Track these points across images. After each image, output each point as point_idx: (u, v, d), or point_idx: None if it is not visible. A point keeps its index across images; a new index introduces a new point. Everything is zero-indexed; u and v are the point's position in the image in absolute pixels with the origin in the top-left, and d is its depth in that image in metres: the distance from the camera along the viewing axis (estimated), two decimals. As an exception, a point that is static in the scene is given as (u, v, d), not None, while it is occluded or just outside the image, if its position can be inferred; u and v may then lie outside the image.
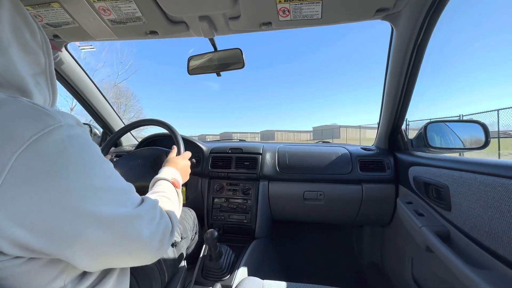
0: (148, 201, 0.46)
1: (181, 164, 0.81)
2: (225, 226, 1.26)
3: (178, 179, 0.72)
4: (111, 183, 0.40)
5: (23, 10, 0.43)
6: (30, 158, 0.31)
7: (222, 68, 1.08)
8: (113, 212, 0.37)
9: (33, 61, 0.44)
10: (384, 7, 0.77)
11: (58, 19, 0.88)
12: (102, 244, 0.37)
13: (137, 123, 1.11)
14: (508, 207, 0.50)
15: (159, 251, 0.45)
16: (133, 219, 0.40)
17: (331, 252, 1.64)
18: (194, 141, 1.38)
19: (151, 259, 0.45)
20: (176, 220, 0.54)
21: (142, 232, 0.41)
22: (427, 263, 0.87)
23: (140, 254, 0.43)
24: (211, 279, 0.99)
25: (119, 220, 0.38)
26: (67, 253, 0.35)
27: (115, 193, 0.40)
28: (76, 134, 0.37)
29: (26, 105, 0.34)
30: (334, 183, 1.20)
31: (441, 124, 1.08)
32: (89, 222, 0.35)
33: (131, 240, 0.40)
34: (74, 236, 0.34)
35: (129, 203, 0.42)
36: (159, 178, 0.67)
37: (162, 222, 0.47)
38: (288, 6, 0.76)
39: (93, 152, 0.39)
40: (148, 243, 0.42)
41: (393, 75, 1.00)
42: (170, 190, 0.63)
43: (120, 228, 0.38)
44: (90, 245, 0.36)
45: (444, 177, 0.75)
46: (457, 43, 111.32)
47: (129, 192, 0.44)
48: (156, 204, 0.48)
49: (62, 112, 0.37)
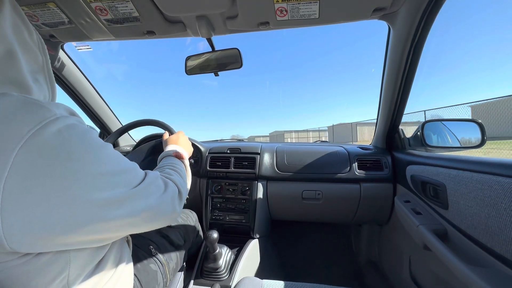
0: (150, 174, 0.49)
1: (179, 139, 0.83)
2: (223, 226, 1.26)
3: (181, 151, 0.75)
4: (116, 166, 0.41)
5: (20, 10, 0.43)
6: (31, 153, 0.31)
7: (220, 68, 1.08)
8: (122, 193, 0.40)
9: (32, 59, 0.44)
10: (381, 7, 0.77)
11: (54, 19, 0.87)
12: (116, 223, 0.39)
13: (135, 123, 1.11)
14: (505, 205, 0.51)
15: (172, 215, 0.51)
16: (140, 193, 0.43)
17: (330, 251, 1.64)
18: (191, 141, 1.37)
19: (168, 221, 0.52)
20: (183, 185, 0.59)
21: (151, 202, 0.45)
22: (425, 261, 0.87)
23: (156, 219, 0.48)
24: (210, 279, 0.99)
25: (126, 198, 0.41)
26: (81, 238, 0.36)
27: (120, 175, 0.41)
28: (73, 123, 0.37)
29: (18, 99, 0.34)
30: (332, 182, 1.20)
31: (438, 123, 1.08)
32: (101, 208, 0.36)
33: (143, 211, 0.43)
34: (87, 222, 0.35)
35: (134, 181, 0.44)
36: (162, 156, 0.72)
37: (168, 189, 0.51)
38: (285, 6, 0.76)
39: (93, 138, 0.39)
40: (158, 210, 0.47)
41: (390, 75, 1.00)
42: (174, 162, 0.67)
43: (128, 204, 0.41)
44: (104, 227, 0.38)
45: (441, 176, 0.75)
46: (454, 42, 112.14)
47: (133, 170, 0.46)
48: (157, 175, 0.52)
49: (55, 103, 0.38)
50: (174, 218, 0.53)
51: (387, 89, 1.06)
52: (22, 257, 0.33)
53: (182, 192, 0.56)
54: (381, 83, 1.11)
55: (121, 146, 1.68)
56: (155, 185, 0.48)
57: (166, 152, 0.73)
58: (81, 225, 0.35)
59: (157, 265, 0.72)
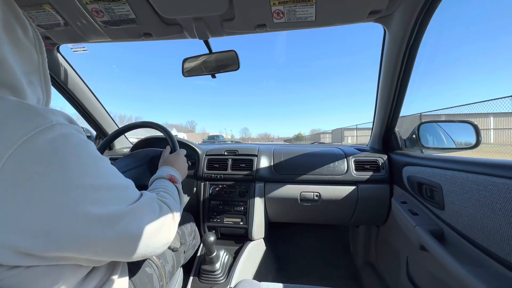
0: (146, 195, 0.47)
1: (176, 161, 0.81)
2: (221, 228, 1.26)
3: (175, 175, 0.72)
4: (109, 180, 0.39)
5: (14, 6, 0.42)
6: (21, 160, 0.30)
7: (217, 70, 1.08)
8: (113, 209, 0.37)
9: (26, 58, 0.42)
10: (377, 10, 0.78)
11: (50, 21, 0.86)
12: (104, 242, 0.37)
13: (132, 125, 1.10)
14: (500, 205, 0.51)
15: (163, 242, 0.47)
16: (134, 213, 0.41)
17: (327, 253, 1.64)
18: (188, 143, 1.37)
19: (157, 250, 0.47)
20: (177, 210, 0.56)
21: (143, 226, 0.42)
22: (421, 262, 0.88)
23: (146, 247, 0.43)
24: (208, 282, 0.98)
25: (119, 217, 0.38)
26: (68, 253, 0.34)
27: (114, 191, 0.39)
28: (69, 132, 0.36)
29: (14, 104, 0.33)
30: (329, 184, 1.20)
31: (434, 124, 1.09)
32: (89, 222, 0.34)
33: (134, 235, 0.40)
34: (74, 237, 0.33)
35: (128, 199, 0.42)
36: (155, 177, 0.68)
37: (162, 213, 0.48)
38: (282, 8, 0.76)
39: (89, 150, 0.38)
40: (150, 235, 0.43)
41: (386, 77, 1.01)
42: (169, 185, 0.64)
43: (122, 224, 0.38)
44: (92, 244, 0.36)
45: (437, 177, 0.76)
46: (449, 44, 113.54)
47: (128, 188, 0.44)
48: (154, 197, 0.49)
49: (53, 110, 0.36)
50: (164, 246, 0.48)
51: (383, 91, 1.07)
52: (11, 269, 0.32)
53: (176, 218, 0.53)
54: (377, 84, 1.12)
55: (117, 148, 1.66)
56: (150, 207, 0.45)
57: (160, 173, 0.70)
58: (65, 240, 0.33)
59: (152, 268, 0.71)
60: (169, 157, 0.82)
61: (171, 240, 0.50)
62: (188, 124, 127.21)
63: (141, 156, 0.97)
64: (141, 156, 0.97)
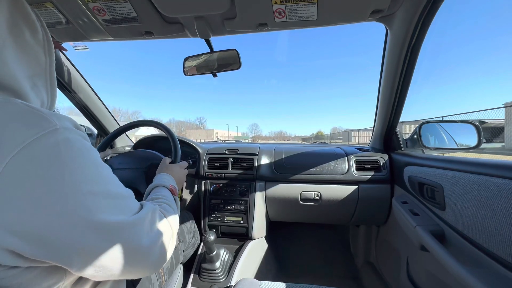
0: (148, 207, 0.45)
1: (178, 172, 0.79)
2: (221, 227, 1.26)
3: (176, 187, 0.70)
4: (109, 189, 0.38)
5: (24, 8, 0.41)
6: (23, 163, 0.30)
7: (218, 69, 1.08)
8: (112, 219, 0.36)
9: (32, 61, 0.42)
10: (379, 9, 0.78)
11: (51, 19, 0.86)
12: (100, 253, 0.35)
13: (134, 123, 1.10)
14: (501, 206, 0.51)
15: (160, 260, 0.43)
16: (132, 226, 0.39)
17: (327, 252, 1.64)
18: (189, 142, 1.37)
19: (152, 269, 0.43)
20: (176, 227, 0.53)
21: (142, 240, 0.39)
22: (422, 262, 0.88)
23: (140, 263, 0.40)
24: (208, 280, 0.99)
25: (118, 228, 0.37)
26: (64, 260, 0.34)
27: (114, 200, 0.38)
28: (73, 137, 0.35)
29: (20, 107, 0.33)
30: (330, 184, 1.20)
31: (435, 124, 1.09)
32: (86, 230, 0.33)
33: (131, 248, 0.38)
34: (70, 244, 0.33)
35: (128, 210, 0.40)
36: (158, 184, 0.65)
37: (162, 228, 0.45)
38: (283, 7, 0.76)
39: (91, 156, 0.38)
40: (148, 251, 0.40)
41: (388, 76, 1.01)
42: (170, 197, 0.61)
43: (119, 235, 0.37)
44: (88, 253, 0.34)
45: (438, 177, 0.76)
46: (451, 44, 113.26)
47: (128, 198, 0.43)
48: (156, 210, 0.47)
49: (58, 115, 0.36)
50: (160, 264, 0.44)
51: (384, 91, 1.07)
52: (10, 269, 0.31)
53: (174, 236, 0.50)
54: (378, 84, 1.11)
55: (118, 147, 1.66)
56: (150, 221, 0.43)
57: (163, 181, 0.66)
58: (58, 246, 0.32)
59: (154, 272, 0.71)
60: (172, 166, 0.80)
61: (167, 259, 0.46)
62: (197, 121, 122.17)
63: (141, 158, 0.95)
64: (141, 158, 0.95)
